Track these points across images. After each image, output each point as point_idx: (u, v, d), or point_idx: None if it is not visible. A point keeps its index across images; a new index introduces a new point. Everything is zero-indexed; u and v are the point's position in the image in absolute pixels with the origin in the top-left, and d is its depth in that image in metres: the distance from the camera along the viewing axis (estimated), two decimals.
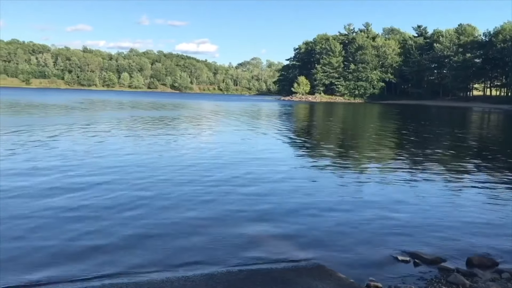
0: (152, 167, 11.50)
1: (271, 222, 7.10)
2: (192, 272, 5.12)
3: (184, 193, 8.81)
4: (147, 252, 5.71)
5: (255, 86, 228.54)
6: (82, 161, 12.03)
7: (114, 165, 11.55)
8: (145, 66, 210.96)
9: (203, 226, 6.78)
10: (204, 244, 6.03)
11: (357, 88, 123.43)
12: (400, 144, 20.03)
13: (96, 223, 6.75)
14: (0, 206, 7.38)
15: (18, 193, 8.30)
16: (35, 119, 26.71)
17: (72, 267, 5.17)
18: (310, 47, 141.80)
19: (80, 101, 61.15)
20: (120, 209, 7.53)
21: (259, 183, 10.00)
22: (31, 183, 9.19)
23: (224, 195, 8.73)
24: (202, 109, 49.88)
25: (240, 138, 19.84)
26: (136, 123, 26.31)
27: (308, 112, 55.12)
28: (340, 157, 15.22)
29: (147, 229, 6.55)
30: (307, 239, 6.39)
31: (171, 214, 7.38)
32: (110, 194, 8.49)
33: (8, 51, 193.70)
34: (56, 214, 7.11)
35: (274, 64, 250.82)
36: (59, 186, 9.02)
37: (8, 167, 10.79)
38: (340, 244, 6.20)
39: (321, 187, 9.90)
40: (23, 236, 6.12)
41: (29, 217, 6.89)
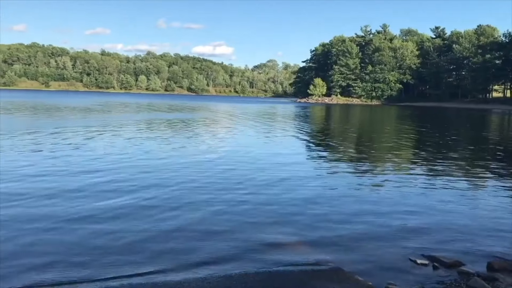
0: (174, 169, 11.59)
1: (289, 226, 7.08)
2: (209, 273, 5.13)
3: (201, 195, 8.85)
4: (165, 252, 5.75)
5: (271, 88, 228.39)
6: (116, 163, 12.22)
7: (140, 167, 11.72)
8: (162, 68, 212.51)
9: (221, 228, 6.80)
10: (222, 246, 6.04)
11: (374, 89, 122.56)
12: (418, 147, 19.82)
13: (116, 223, 6.85)
14: (61, 204, 7.60)
15: (77, 194, 8.49)
16: (66, 121, 27.40)
17: (90, 267, 5.23)
18: (326, 48, 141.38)
19: (100, 103, 61.93)
20: (138, 210, 7.62)
21: (277, 186, 9.96)
22: (83, 183, 9.39)
23: (242, 197, 8.74)
24: (219, 112, 50.02)
25: (257, 141, 19.85)
26: (160, 126, 26.61)
27: (325, 114, 54.89)
28: (357, 160, 15.11)
29: (164, 231, 6.60)
30: (325, 242, 6.35)
31: (188, 215, 7.41)
32: (133, 195, 8.60)
33: (29, 54, 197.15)
34: (87, 214, 7.24)
35: (290, 66, 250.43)
36: (99, 186, 9.24)
37: (60, 169, 11.05)
38: (358, 248, 6.15)
39: (338, 190, 9.84)
40: (66, 232, 6.29)
41: (76, 215, 7.05)
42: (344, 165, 13.59)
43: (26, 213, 7.24)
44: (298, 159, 14.60)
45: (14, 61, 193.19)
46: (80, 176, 10.29)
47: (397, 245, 6.29)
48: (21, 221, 6.82)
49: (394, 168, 13.38)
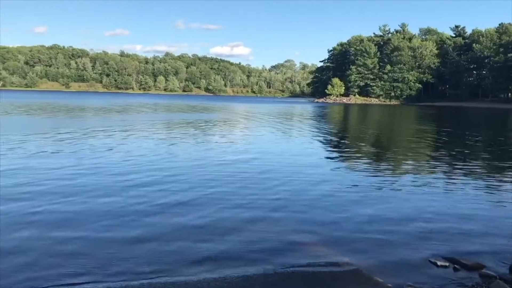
0: (196, 169, 11.72)
1: (308, 226, 7.08)
2: (229, 273, 5.17)
3: (222, 194, 8.92)
4: (184, 252, 5.81)
5: (289, 88, 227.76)
6: (153, 165, 12.39)
7: (163, 166, 11.86)
8: (180, 69, 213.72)
9: (240, 228, 6.84)
10: (241, 246, 6.08)
11: (393, 89, 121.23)
12: (438, 148, 19.56)
13: (141, 222, 6.97)
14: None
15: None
16: (91, 122, 27.94)
17: (111, 266, 5.32)
18: (344, 48, 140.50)
19: (123, 104, 62.76)
20: (154, 210, 7.72)
21: (295, 187, 9.98)
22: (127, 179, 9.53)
23: (260, 199, 8.77)
24: (239, 112, 50.07)
25: (276, 142, 19.85)
26: (186, 127, 26.85)
27: (343, 114, 54.54)
28: (377, 161, 15.02)
29: (184, 230, 6.66)
30: (344, 243, 6.34)
31: (208, 216, 7.46)
32: (150, 195, 8.72)
33: (49, 56, 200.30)
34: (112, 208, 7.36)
35: (308, 66, 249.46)
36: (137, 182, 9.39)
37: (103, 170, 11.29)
38: (378, 249, 6.12)
39: (357, 191, 9.79)
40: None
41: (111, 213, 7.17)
42: (363, 166, 13.50)
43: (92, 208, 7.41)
44: (317, 160, 14.55)
45: (35, 62, 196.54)
46: (124, 177, 10.46)
47: (417, 246, 6.25)
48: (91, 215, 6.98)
49: (414, 169, 13.24)
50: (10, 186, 9.16)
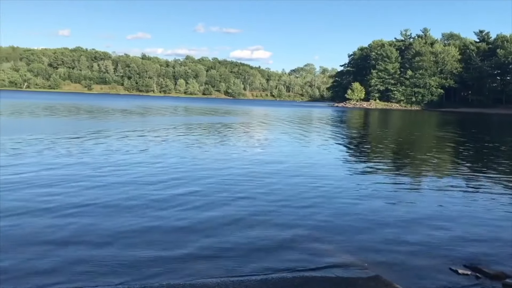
0: (220, 172, 11.79)
1: (327, 232, 7.05)
2: (247, 276, 5.17)
3: (239, 198, 8.96)
4: (202, 255, 5.83)
5: (308, 93, 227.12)
6: (181, 168, 12.55)
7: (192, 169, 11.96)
8: (200, 72, 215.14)
9: (259, 232, 6.84)
10: (260, 250, 6.08)
11: (414, 94, 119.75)
12: (459, 155, 19.25)
13: (158, 224, 7.02)
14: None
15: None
16: (118, 124, 28.34)
17: (132, 270, 5.36)
18: (365, 53, 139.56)
19: (147, 106, 63.39)
20: (181, 212, 7.78)
21: (314, 193, 9.95)
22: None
23: (279, 202, 8.78)
24: (260, 116, 50.19)
25: (297, 147, 19.81)
26: (211, 129, 27.08)
27: (364, 119, 54.10)
28: (397, 167, 14.87)
29: (202, 234, 6.69)
30: (364, 249, 6.29)
31: (225, 220, 7.49)
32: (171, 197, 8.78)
33: (73, 58, 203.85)
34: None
35: (328, 70, 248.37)
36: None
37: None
38: (398, 255, 6.06)
39: (376, 197, 9.72)
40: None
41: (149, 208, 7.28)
42: (383, 171, 13.39)
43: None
44: (337, 166, 14.48)
45: (59, 64, 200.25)
46: (154, 184, 10.52)
47: (438, 253, 6.17)
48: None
49: (435, 176, 13.07)
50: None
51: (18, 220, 6.97)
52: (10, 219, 6.98)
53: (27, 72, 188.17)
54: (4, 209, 7.45)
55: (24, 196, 8.47)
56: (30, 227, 6.67)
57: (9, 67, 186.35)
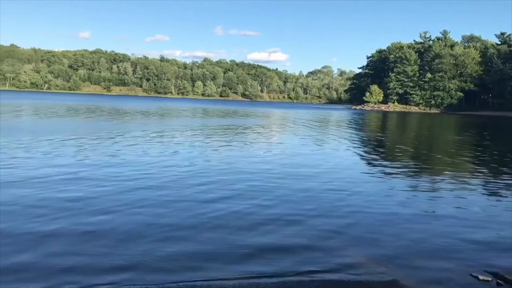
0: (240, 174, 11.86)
1: (344, 235, 7.03)
2: (263, 279, 5.19)
3: (258, 200, 8.99)
4: (220, 257, 5.86)
5: (326, 95, 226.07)
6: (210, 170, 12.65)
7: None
8: (218, 74, 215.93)
9: (276, 235, 6.85)
10: (277, 252, 6.09)
11: (434, 98, 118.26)
12: (479, 159, 18.96)
13: (181, 228, 7.09)
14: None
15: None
16: (154, 125, 28.69)
17: (150, 271, 5.43)
18: (383, 55, 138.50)
19: (167, 108, 63.82)
20: (200, 215, 7.85)
21: (331, 196, 9.93)
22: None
23: (296, 206, 8.79)
24: (276, 118, 50.24)
25: (313, 149, 19.75)
26: (234, 131, 27.22)
27: (383, 122, 53.61)
28: (414, 171, 14.72)
29: (220, 236, 6.73)
30: (381, 253, 6.26)
31: (244, 222, 7.53)
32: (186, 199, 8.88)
33: (92, 60, 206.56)
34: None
35: (346, 73, 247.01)
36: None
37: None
38: (416, 260, 6.01)
39: (395, 201, 9.65)
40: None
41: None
42: (402, 175, 13.27)
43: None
44: (355, 168, 14.42)
45: (79, 66, 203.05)
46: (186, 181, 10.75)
47: (458, 259, 6.10)
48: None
49: (454, 180, 12.89)
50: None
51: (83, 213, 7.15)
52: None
53: (48, 73, 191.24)
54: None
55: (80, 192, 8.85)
56: (86, 224, 6.97)
57: (31, 69, 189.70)
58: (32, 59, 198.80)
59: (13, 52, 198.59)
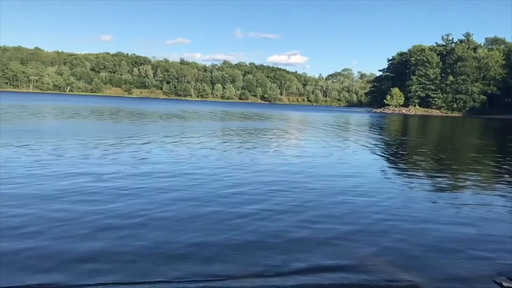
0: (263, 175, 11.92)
1: (364, 240, 6.97)
2: (281, 281, 5.18)
3: (279, 203, 8.98)
4: (240, 259, 5.87)
5: (345, 98, 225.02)
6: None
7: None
8: (237, 77, 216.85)
9: (297, 238, 6.84)
10: (296, 255, 6.07)
11: (456, 101, 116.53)
12: (503, 164, 18.59)
13: (208, 228, 7.14)
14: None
15: None
16: (180, 128, 29.16)
17: (174, 269, 5.48)
18: (404, 58, 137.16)
19: (190, 111, 64.27)
20: (224, 215, 7.89)
21: (351, 199, 9.87)
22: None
23: (312, 208, 8.76)
24: (298, 121, 50.19)
25: (332, 152, 19.65)
26: (258, 134, 27.24)
27: (405, 126, 53.07)
28: (436, 176, 14.52)
29: (243, 237, 6.74)
30: (402, 258, 6.18)
31: (265, 224, 7.52)
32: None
33: (114, 63, 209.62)
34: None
35: (366, 75, 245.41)
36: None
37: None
38: (437, 265, 5.92)
39: (416, 205, 9.52)
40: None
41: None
42: (426, 182, 13.07)
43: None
44: (376, 172, 14.29)
45: (100, 69, 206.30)
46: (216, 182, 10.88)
47: (481, 264, 5.99)
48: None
49: (477, 184, 12.69)
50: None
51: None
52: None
53: (71, 76, 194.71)
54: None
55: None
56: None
57: (54, 71, 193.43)
58: (55, 62, 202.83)
59: (37, 55, 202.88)
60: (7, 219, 7.05)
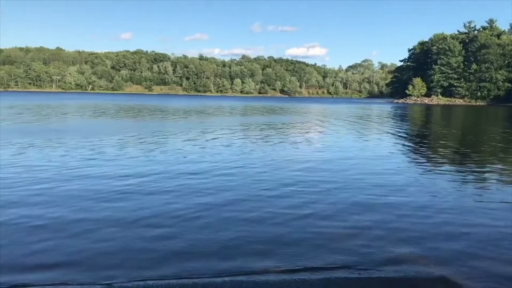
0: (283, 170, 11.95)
1: (391, 230, 6.95)
2: (309, 275, 5.19)
3: (306, 197, 9.00)
4: (265, 253, 5.91)
5: (366, 89, 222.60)
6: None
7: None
8: (256, 71, 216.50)
9: (321, 231, 6.85)
10: (323, 249, 6.09)
11: (479, 89, 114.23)
12: None
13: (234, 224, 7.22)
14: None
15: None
16: (204, 124, 29.38)
17: (200, 264, 5.57)
18: (425, 47, 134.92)
19: (212, 106, 64.55)
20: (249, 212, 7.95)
21: (375, 191, 9.84)
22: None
23: (342, 202, 8.76)
24: (318, 114, 49.90)
25: (355, 145, 19.56)
26: (286, 128, 27.33)
27: (430, 116, 52.29)
28: (466, 166, 14.33)
29: (267, 233, 6.77)
30: (430, 248, 6.16)
31: (290, 218, 7.54)
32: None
33: (134, 61, 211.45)
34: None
35: (387, 66, 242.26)
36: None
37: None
38: (468, 256, 5.87)
39: (443, 197, 9.44)
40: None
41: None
42: (450, 172, 12.94)
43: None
44: (401, 166, 14.12)
45: (121, 67, 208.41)
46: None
47: (509, 255, 5.92)
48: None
49: (505, 177, 12.49)
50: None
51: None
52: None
53: (92, 74, 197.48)
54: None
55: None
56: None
57: (75, 70, 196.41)
58: (76, 61, 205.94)
59: (59, 54, 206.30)
60: (74, 223, 7.11)
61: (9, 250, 5.87)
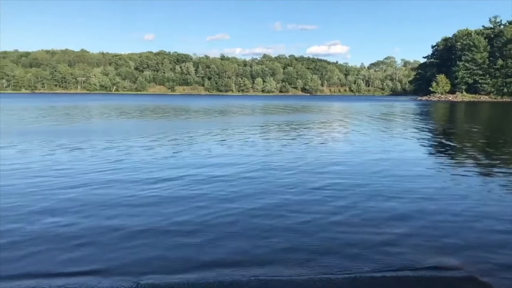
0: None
1: (416, 228, 6.94)
2: (335, 274, 5.23)
3: (326, 195, 9.07)
4: (290, 252, 5.98)
5: (389, 86, 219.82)
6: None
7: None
8: (277, 70, 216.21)
9: (345, 230, 6.90)
10: (347, 247, 6.12)
11: (506, 85, 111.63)
12: None
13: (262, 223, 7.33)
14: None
15: None
16: (231, 124, 29.78)
17: (227, 258, 5.70)
18: (449, 43, 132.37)
19: (235, 106, 64.82)
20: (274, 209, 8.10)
21: (400, 188, 9.86)
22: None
23: (367, 201, 8.80)
24: (341, 112, 49.56)
25: (382, 145, 19.50)
26: (313, 127, 27.42)
27: (456, 114, 51.42)
28: (493, 167, 14.22)
29: (291, 231, 6.85)
30: (458, 247, 6.13)
31: (312, 216, 7.61)
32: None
33: (156, 62, 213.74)
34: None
35: (410, 63, 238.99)
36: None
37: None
38: (494, 256, 5.81)
39: (469, 195, 9.36)
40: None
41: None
42: (474, 169, 12.83)
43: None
44: (431, 168, 14.03)
45: (144, 68, 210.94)
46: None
47: None
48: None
49: None
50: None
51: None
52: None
53: (116, 76, 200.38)
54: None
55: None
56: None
57: (100, 72, 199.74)
58: (100, 63, 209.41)
59: (83, 56, 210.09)
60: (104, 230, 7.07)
61: (44, 256, 5.92)
